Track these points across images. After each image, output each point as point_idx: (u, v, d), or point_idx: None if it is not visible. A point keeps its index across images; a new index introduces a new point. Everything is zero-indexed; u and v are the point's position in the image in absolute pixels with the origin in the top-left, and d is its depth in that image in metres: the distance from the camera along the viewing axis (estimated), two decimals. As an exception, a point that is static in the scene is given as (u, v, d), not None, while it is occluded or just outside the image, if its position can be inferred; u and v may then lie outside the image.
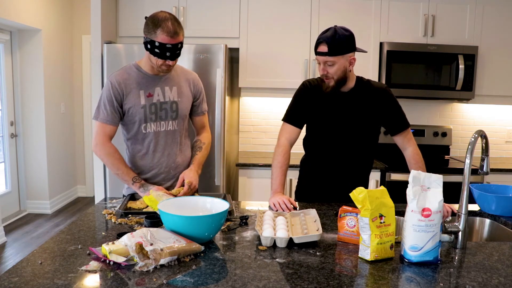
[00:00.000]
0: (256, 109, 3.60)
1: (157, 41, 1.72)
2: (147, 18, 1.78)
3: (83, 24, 5.10)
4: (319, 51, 1.79)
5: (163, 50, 1.73)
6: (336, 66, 1.78)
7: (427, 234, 1.22)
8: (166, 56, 1.75)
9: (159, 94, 1.86)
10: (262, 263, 1.21)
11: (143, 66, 1.86)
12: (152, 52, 1.75)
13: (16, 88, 4.50)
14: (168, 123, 1.89)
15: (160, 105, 1.86)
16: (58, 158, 4.90)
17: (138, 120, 1.84)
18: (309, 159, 2.08)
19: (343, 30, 1.78)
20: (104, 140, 1.82)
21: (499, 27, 3.24)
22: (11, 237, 3.92)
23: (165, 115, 1.87)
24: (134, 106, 1.82)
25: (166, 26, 1.71)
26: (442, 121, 3.64)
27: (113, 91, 1.80)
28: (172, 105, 1.88)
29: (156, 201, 1.58)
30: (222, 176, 2.91)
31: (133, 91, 1.82)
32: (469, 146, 1.40)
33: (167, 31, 1.71)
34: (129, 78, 1.83)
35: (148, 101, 1.84)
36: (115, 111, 1.82)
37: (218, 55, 2.82)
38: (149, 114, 1.84)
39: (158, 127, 1.87)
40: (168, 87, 1.88)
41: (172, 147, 1.91)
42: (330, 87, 1.85)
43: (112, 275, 1.10)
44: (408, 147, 1.95)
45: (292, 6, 3.20)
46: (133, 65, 1.87)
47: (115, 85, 1.81)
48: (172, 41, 1.73)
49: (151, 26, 1.73)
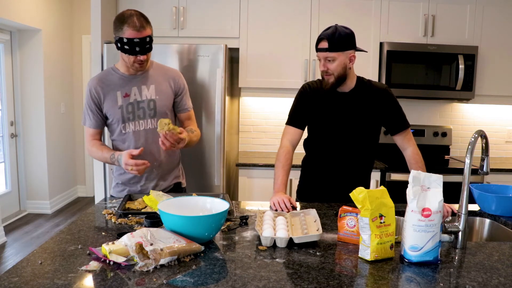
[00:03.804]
0: (256, 109, 3.60)
1: (125, 37, 1.76)
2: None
3: (83, 24, 5.10)
4: (320, 47, 1.83)
5: (132, 46, 1.77)
6: (336, 62, 1.81)
7: (427, 234, 1.22)
8: (136, 51, 1.78)
9: (136, 93, 1.90)
10: (262, 263, 1.21)
11: (119, 68, 1.91)
12: (122, 49, 1.79)
13: (16, 88, 4.50)
14: (147, 121, 1.91)
15: (137, 104, 1.89)
16: (58, 158, 4.90)
17: (117, 121, 1.89)
18: (310, 160, 2.09)
19: (343, 28, 1.82)
20: (89, 140, 1.93)
21: (499, 27, 3.24)
22: (11, 237, 3.92)
23: (143, 114, 1.91)
24: (111, 107, 1.88)
25: (132, 21, 1.76)
26: (442, 121, 3.64)
27: (91, 97, 1.88)
28: (149, 103, 1.91)
29: (156, 201, 1.59)
30: (222, 176, 2.91)
31: (110, 93, 1.87)
32: (469, 146, 1.40)
33: (133, 26, 1.75)
34: (106, 81, 1.89)
35: (125, 101, 1.88)
36: (97, 116, 1.90)
37: (218, 55, 2.82)
38: (126, 114, 1.88)
39: (137, 126, 1.91)
40: (145, 86, 1.91)
41: (153, 146, 1.93)
42: (330, 84, 1.86)
43: (112, 275, 1.10)
44: (408, 147, 1.95)
45: (292, 6, 3.20)
46: (110, 68, 1.93)
47: (92, 90, 1.88)
48: (139, 35, 1.76)
49: (118, 24, 1.78)
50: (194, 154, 2.93)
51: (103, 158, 1.90)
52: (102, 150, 1.88)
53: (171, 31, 3.20)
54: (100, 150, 1.89)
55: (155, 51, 2.84)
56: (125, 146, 1.92)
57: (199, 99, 2.89)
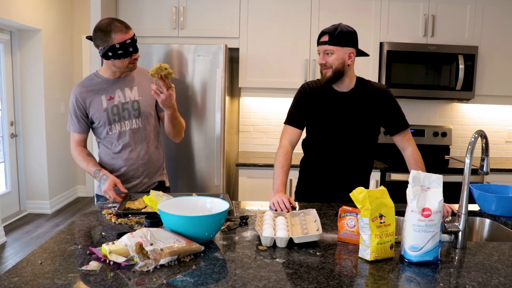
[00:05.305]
0: (256, 109, 3.60)
1: (117, 43, 1.81)
2: (91, 36, 1.88)
3: (83, 24, 5.10)
4: (321, 40, 1.87)
5: (125, 48, 1.82)
6: (334, 56, 1.84)
7: (427, 234, 1.22)
8: (130, 52, 1.85)
9: (120, 95, 1.95)
10: (262, 263, 1.21)
11: (103, 73, 1.96)
12: (116, 56, 1.83)
13: (16, 88, 4.50)
14: (132, 122, 1.97)
15: (121, 106, 1.95)
16: (58, 158, 4.90)
17: (103, 124, 1.94)
18: (309, 160, 2.08)
19: (346, 26, 1.87)
20: (75, 145, 1.99)
21: (499, 27, 3.24)
22: (11, 237, 3.92)
23: (128, 115, 1.96)
24: (97, 111, 1.92)
25: (116, 26, 1.82)
26: (442, 121, 3.64)
27: (76, 103, 1.93)
28: (133, 104, 1.96)
29: (156, 201, 1.58)
30: (222, 176, 2.91)
31: (95, 98, 1.92)
32: (469, 146, 1.40)
33: (120, 29, 1.81)
34: (90, 86, 1.94)
35: (110, 104, 1.93)
36: (81, 121, 1.95)
37: (218, 55, 2.82)
38: (111, 116, 1.94)
39: (123, 127, 1.96)
40: (128, 88, 1.97)
41: (138, 145, 2.00)
42: (327, 78, 1.88)
43: (112, 275, 1.10)
44: (408, 147, 1.95)
45: (292, 6, 3.20)
46: (93, 74, 1.98)
47: (77, 97, 1.92)
48: (128, 36, 1.83)
49: (103, 35, 1.82)
50: (194, 154, 2.93)
51: (87, 170, 1.96)
52: (87, 162, 1.94)
53: (171, 31, 3.20)
54: (86, 161, 1.94)
55: (155, 51, 2.86)
56: (112, 147, 1.98)
57: (199, 99, 2.89)
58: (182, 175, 2.93)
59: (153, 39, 3.16)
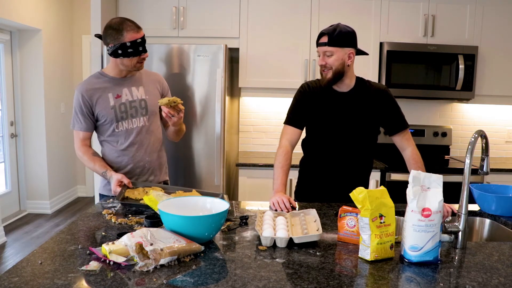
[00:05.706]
0: (256, 109, 3.60)
1: (128, 42, 1.84)
2: (101, 34, 1.91)
3: (83, 24, 5.10)
4: (320, 42, 1.87)
5: (135, 47, 1.86)
6: (334, 57, 1.84)
7: (427, 234, 1.22)
8: (139, 51, 1.88)
9: (127, 94, 1.97)
10: (262, 263, 1.21)
11: (109, 72, 1.97)
12: (125, 54, 1.86)
13: (16, 88, 4.50)
14: (139, 119, 1.99)
15: (129, 104, 1.97)
16: (58, 158, 4.90)
17: (110, 121, 1.95)
18: (309, 160, 2.08)
19: (345, 26, 1.86)
20: (80, 145, 1.97)
21: (499, 27, 3.24)
22: (11, 237, 3.92)
23: (135, 112, 1.98)
24: (104, 108, 1.93)
25: (128, 25, 1.85)
26: (442, 121, 3.64)
27: (82, 100, 1.92)
28: (141, 103, 1.99)
29: (156, 201, 1.58)
30: (222, 176, 2.91)
31: (101, 96, 1.93)
32: (469, 146, 1.40)
33: (132, 28, 1.85)
34: (96, 84, 1.95)
35: (117, 101, 1.95)
36: (87, 119, 1.94)
37: (218, 55, 2.82)
38: (119, 113, 1.95)
39: (130, 124, 1.98)
40: (135, 87, 2.00)
41: (145, 143, 2.02)
42: (327, 79, 1.88)
43: (112, 275, 1.10)
44: (407, 147, 1.95)
45: (292, 6, 3.20)
46: (98, 73, 2.00)
47: (83, 94, 1.92)
48: (139, 35, 1.87)
49: (114, 33, 1.84)
50: (194, 154, 2.93)
51: (94, 170, 1.97)
52: (94, 162, 1.94)
53: (171, 31, 3.20)
54: (92, 161, 1.94)
55: (155, 51, 2.86)
56: (118, 144, 1.99)
57: (199, 99, 2.89)
58: (182, 175, 2.93)
59: (153, 39, 3.16)
